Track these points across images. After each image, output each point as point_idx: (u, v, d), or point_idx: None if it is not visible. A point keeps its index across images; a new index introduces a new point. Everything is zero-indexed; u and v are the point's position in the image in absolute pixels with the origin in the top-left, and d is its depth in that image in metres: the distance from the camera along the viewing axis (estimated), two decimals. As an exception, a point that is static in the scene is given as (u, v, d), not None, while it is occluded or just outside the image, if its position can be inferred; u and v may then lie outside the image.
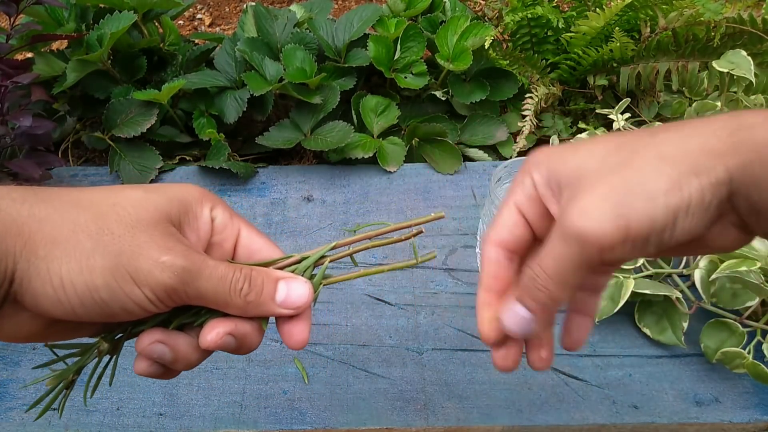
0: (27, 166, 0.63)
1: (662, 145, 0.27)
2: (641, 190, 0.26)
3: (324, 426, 0.52)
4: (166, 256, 0.28)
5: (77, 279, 0.27)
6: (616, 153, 0.28)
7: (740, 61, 0.68)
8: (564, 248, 0.27)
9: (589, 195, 0.27)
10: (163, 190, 0.31)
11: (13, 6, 0.67)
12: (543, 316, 0.30)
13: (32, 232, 0.27)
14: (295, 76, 0.74)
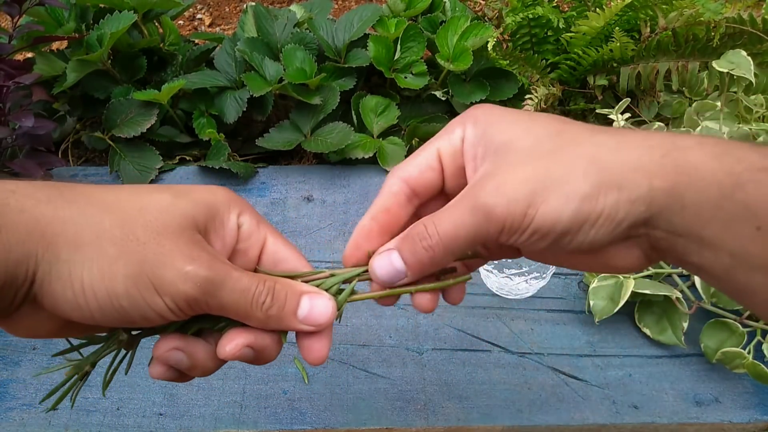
0: (28, 167, 0.63)
1: (598, 147, 0.26)
2: (561, 187, 0.26)
3: (324, 426, 0.52)
4: (191, 266, 0.27)
5: (99, 285, 0.26)
6: (552, 139, 0.27)
7: (740, 61, 0.68)
8: (467, 217, 0.27)
9: (510, 173, 0.27)
10: (191, 195, 0.30)
11: (16, 7, 0.67)
12: (416, 274, 0.30)
13: (55, 235, 0.26)
14: (295, 76, 0.74)
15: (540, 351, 0.58)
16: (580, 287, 0.63)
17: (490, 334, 0.59)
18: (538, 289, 0.61)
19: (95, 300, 0.26)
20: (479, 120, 0.30)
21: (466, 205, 0.27)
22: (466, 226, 0.27)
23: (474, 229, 0.27)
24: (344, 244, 0.67)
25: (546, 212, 0.26)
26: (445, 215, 0.28)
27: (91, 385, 0.55)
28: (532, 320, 0.60)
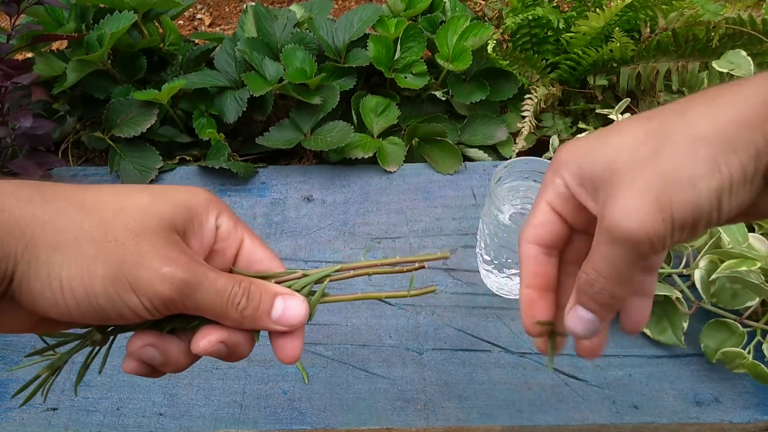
0: (27, 167, 0.63)
1: (693, 124, 0.26)
2: (679, 179, 0.26)
3: (324, 426, 0.52)
4: (168, 267, 0.28)
5: (77, 285, 0.27)
6: (646, 142, 0.27)
7: (740, 61, 0.68)
8: (614, 250, 0.27)
9: (627, 192, 0.27)
10: (170, 196, 0.30)
11: (14, 6, 0.67)
12: (605, 315, 0.31)
13: (35, 235, 0.26)
14: (295, 76, 0.74)
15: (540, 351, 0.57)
16: (580, 287, 0.63)
17: (490, 334, 0.59)
18: None
19: (73, 298, 0.27)
20: (569, 161, 0.30)
21: (605, 240, 0.28)
22: (616, 257, 0.28)
23: (626, 258, 0.27)
24: (344, 244, 0.67)
25: (681, 207, 0.26)
26: (596, 257, 0.29)
27: (91, 386, 0.55)
28: (532, 320, 0.60)
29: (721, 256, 0.54)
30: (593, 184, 0.29)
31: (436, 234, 0.69)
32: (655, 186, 0.26)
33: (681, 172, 0.26)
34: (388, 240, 0.68)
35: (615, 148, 0.28)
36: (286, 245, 0.68)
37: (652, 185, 0.26)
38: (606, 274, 0.28)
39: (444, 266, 0.65)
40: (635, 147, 0.27)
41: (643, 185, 0.26)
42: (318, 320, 0.60)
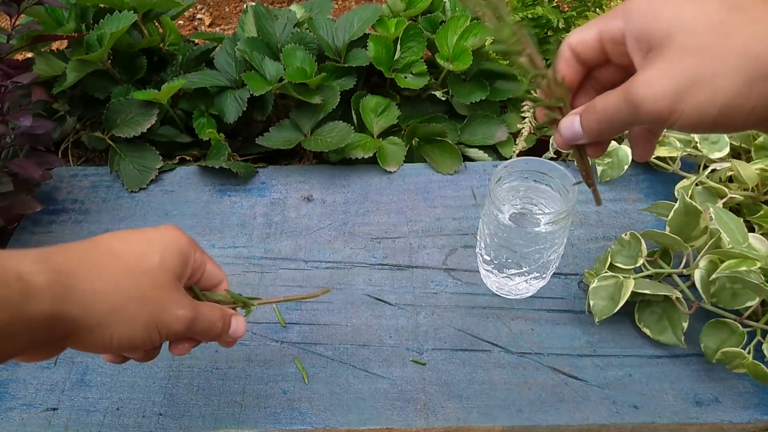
0: (27, 166, 0.63)
1: (754, 39, 0.27)
2: (709, 84, 0.27)
3: (324, 426, 0.52)
4: (181, 310, 0.39)
5: (125, 334, 0.36)
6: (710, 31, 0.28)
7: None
8: (622, 105, 0.31)
9: (663, 69, 0.29)
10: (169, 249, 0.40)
11: (14, 6, 0.67)
12: (589, 137, 0.35)
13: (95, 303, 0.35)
14: (295, 75, 0.74)
15: (540, 351, 0.58)
16: (580, 287, 0.63)
17: (490, 334, 0.59)
18: (538, 289, 0.61)
19: (119, 344, 0.36)
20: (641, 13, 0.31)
21: (621, 94, 0.31)
22: (621, 112, 0.31)
23: (627, 117, 0.31)
24: (344, 244, 0.67)
25: (692, 108, 0.28)
26: (611, 97, 0.32)
27: (91, 386, 0.55)
28: (532, 320, 0.60)
29: (721, 256, 0.54)
30: (648, 44, 0.30)
31: (436, 234, 0.69)
32: (686, 79, 0.28)
33: (715, 80, 0.27)
34: (388, 240, 0.68)
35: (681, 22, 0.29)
36: (286, 245, 0.68)
37: (685, 76, 0.28)
38: (606, 115, 0.32)
39: (444, 266, 0.65)
40: (697, 31, 0.28)
41: (678, 71, 0.28)
42: (318, 320, 0.60)
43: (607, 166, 0.71)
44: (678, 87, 0.28)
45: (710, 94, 0.27)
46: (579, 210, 0.71)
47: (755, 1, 0.28)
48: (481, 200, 0.73)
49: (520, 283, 0.59)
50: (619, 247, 0.60)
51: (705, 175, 0.64)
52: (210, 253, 0.67)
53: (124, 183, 0.75)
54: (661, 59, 0.29)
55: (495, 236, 0.55)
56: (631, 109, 0.30)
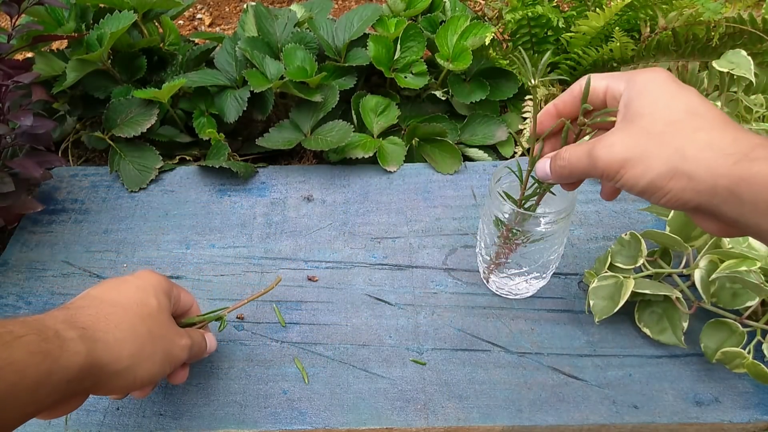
0: (28, 166, 0.63)
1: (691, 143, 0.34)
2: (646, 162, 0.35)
3: (324, 426, 0.52)
4: (183, 340, 0.47)
5: (146, 373, 0.42)
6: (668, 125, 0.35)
7: (740, 60, 0.68)
8: (584, 158, 0.38)
9: (623, 139, 0.36)
10: (160, 290, 0.47)
11: (15, 6, 0.67)
12: (556, 179, 0.43)
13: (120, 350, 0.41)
14: (296, 74, 0.74)
15: (540, 351, 0.58)
16: (580, 287, 0.63)
17: (490, 334, 0.59)
18: (538, 289, 0.61)
19: (141, 382, 0.42)
20: (636, 86, 0.38)
21: (588, 148, 0.38)
22: (582, 163, 0.39)
23: (586, 168, 0.39)
24: (344, 244, 0.67)
25: (630, 176, 0.36)
26: (577, 150, 0.39)
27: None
28: (532, 320, 0.60)
29: (721, 256, 0.54)
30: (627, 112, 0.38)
31: (436, 234, 0.69)
32: (633, 153, 0.36)
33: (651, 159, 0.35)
34: (388, 240, 0.68)
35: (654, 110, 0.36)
36: (286, 245, 0.68)
37: (634, 151, 0.36)
38: (570, 164, 0.40)
39: (444, 266, 0.65)
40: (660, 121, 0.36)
41: (632, 145, 0.36)
42: (318, 320, 0.60)
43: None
44: (626, 157, 0.36)
45: (643, 170, 0.35)
46: (579, 210, 0.71)
47: (714, 114, 0.35)
48: (481, 200, 0.73)
49: (520, 283, 0.59)
50: (619, 247, 0.60)
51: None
52: (210, 253, 0.67)
53: (124, 183, 0.75)
54: (627, 131, 0.37)
55: (495, 236, 0.55)
56: (591, 163, 0.38)
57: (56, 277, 0.65)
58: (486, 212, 0.55)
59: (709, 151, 0.34)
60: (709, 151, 0.33)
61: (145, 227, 0.70)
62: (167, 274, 0.65)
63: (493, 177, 0.53)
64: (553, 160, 0.42)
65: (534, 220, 0.50)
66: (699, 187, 0.34)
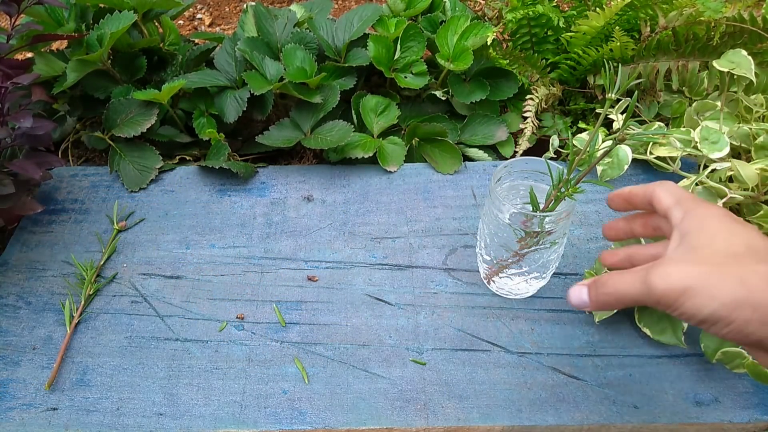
0: (27, 167, 0.63)
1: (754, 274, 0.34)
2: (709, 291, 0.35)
3: (324, 426, 0.52)
4: None
5: None
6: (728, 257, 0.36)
7: (740, 60, 0.68)
8: (637, 284, 0.37)
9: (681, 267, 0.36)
10: None
11: (14, 6, 0.67)
12: (594, 308, 0.41)
13: None
14: (296, 75, 0.74)
15: (540, 351, 0.57)
16: (580, 287, 0.63)
17: (490, 334, 0.59)
18: (538, 289, 0.61)
19: None
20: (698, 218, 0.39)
21: (642, 275, 0.37)
22: (634, 291, 0.38)
23: (637, 295, 0.37)
24: (344, 244, 0.67)
25: (691, 305, 0.35)
26: (626, 277, 0.38)
27: (91, 386, 0.55)
28: (532, 320, 0.60)
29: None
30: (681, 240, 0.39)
31: (436, 234, 0.69)
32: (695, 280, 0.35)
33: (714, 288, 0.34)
34: (388, 240, 0.68)
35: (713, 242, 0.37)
36: (286, 245, 0.68)
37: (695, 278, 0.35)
38: (616, 292, 0.39)
39: (444, 266, 0.65)
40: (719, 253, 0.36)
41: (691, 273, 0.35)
42: (318, 320, 0.60)
43: (607, 165, 0.71)
44: (687, 285, 0.35)
45: (706, 299, 0.34)
46: (579, 210, 0.71)
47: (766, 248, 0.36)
48: (481, 200, 0.73)
49: (520, 283, 0.59)
50: (620, 246, 0.60)
51: (705, 175, 0.64)
52: (210, 253, 0.67)
53: (124, 183, 0.75)
54: (686, 260, 0.36)
55: (495, 236, 0.54)
56: (645, 291, 0.37)
57: (56, 277, 0.65)
58: (486, 212, 0.55)
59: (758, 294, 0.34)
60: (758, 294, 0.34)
61: (145, 227, 0.70)
62: (167, 274, 0.65)
63: (493, 177, 0.53)
64: (593, 288, 0.40)
65: (538, 221, 0.50)
66: (764, 319, 0.34)
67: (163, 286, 0.64)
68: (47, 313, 0.61)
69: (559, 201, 0.50)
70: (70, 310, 0.61)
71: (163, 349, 0.58)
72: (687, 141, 0.69)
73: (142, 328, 0.60)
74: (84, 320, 0.61)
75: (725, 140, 0.67)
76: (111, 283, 0.64)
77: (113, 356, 0.57)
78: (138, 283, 0.64)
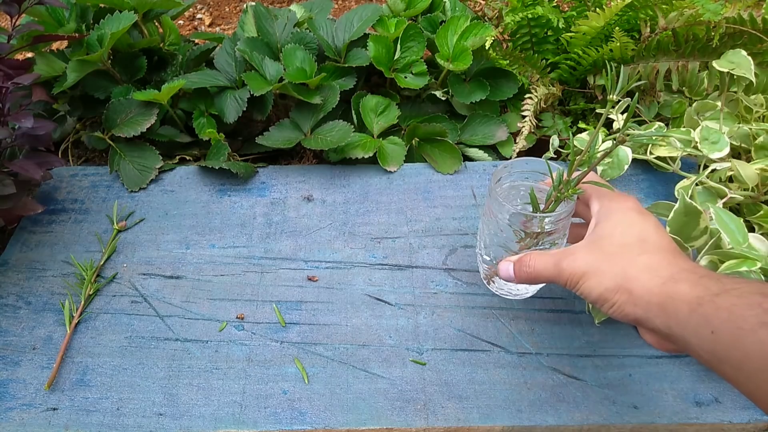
0: (28, 167, 0.63)
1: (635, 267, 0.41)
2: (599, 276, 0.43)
3: (324, 426, 0.52)
4: None
5: None
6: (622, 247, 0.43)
7: (740, 60, 0.68)
8: (550, 266, 0.46)
9: (585, 255, 0.44)
10: None
11: (15, 6, 0.67)
12: (519, 281, 0.49)
13: None
14: (295, 76, 0.74)
15: (540, 351, 0.58)
16: (580, 287, 0.63)
17: (490, 334, 0.59)
18: (538, 289, 0.61)
19: None
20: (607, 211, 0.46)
21: (556, 258, 0.45)
22: (547, 271, 0.46)
23: (550, 275, 0.46)
24: (344, 244, 0.67)
25: (586, 286, 0.43)
26: (544, 258, 0.47)
27: (91, 385, 0.55)
28: (532, 320, 0.60)
29: (722, 257, 0.54)
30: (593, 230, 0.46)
31: (436, 234, 0.69)
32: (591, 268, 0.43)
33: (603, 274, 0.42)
34: (388, 240, 0.68)
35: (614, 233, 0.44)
36: (286, 245, 0.68)
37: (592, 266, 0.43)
38: (534, 270, 0.47)
39: (444, 266, 0.65)
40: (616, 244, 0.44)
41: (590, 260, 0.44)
42: (318, 320, 0.60)
43: (607, 165, 0.71)
44: (585, 270, 0.43)
45: (596, 282, 0.42)
46: (579, 210, 0.71)
47: (661, 241, 0.43)
48: (481, 200, 0.73)
49: (519, 283, 0.59)
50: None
51: (705, 175, 0.64)
52: (210, 253, 0.67)
53: (124, 183, 0.75)
54: (589, 249, 0.44)
55: (495, 236, 0.54)
56: (557, 272, 0.45)
57: (56, 277, 0.65)
58: (486, 212, 0.55)
59: (646, 273, 0.41)
60: (647, 273, 0.40)
61: (145, 227, 0.70)
62: (167, 274, 0.65)
63: (493, 177, 0.53)
64: (518, 265, 0.49)
65: (538, 222, 0.50)
66: (637, 302, 0.40)
67: (163, 286, 0.64)
68: (47, 313, 0.61)
69: (560, 202, 0.50)
70: (70, 310, 0.61)
71: (163, 349, 0.58)
72: (687, 141, 0.69)
73: (142, 328, 0.60)
74: (84, 320, 0.61)
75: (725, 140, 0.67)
76: (111, 283, 0.64)
77: (113, 356, 0.57)
78: (138, 283, 0.64)
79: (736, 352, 0.35)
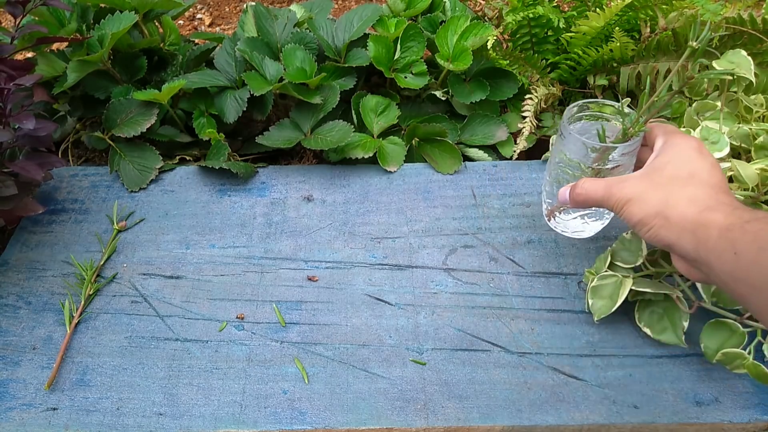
0: (30, 168, 0.63)
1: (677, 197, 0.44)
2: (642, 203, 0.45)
3: (324, 426, 0.52)
4: None
5: None
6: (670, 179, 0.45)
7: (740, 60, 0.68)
8: (601, 190, 0.48)
9: (637, 183, 0.47)
10: None
11: (19, 7, 0.67)
12: (573, 204, 0.52)
13: None
14: (295, 76, 0.74)
15: (540, 351, 0.58)
16: (580, 287, 0.63)
17: (490, 334, 0.59)
18: (596, 231, 0.64)
19: None
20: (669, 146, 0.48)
21: (607, 183, 0.48)
22: (597, 194, 0.49)
23: (600, 199, 0.49)
24: (344, 244, 0.67)
25: (629, 211, 0.46)
26: (597, 182, 0.49)
27: (91, 385, 0.55)
28: (532, 320, 0.60)
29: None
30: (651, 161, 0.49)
31: (436, 234, 0.69)
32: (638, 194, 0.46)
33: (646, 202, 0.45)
34: (388, 240, 0.68)
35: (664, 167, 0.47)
36: (286, 245, 0.68)
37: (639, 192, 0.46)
38: (585, 193, 0.50)
39: (444, 266, 0.65)
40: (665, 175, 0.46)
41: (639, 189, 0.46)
42: (318, 320, 0.60)
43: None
44: (631, 197, 0.46)
45: (638, 209, 0.45)
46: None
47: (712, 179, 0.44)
48: (481, 200, 0.73)
49: (576, 217, 0.62)
50: (621, 245, 0.60)
51: (705, 175, 0.64)
52: (210, 253, 0.67)
53: (124, 183, 0.75)
54: (641, 178, 0.47)
55: (561, 173, 0.57)
56: (606, 195, 0.48)
57: (56, 277, 0.65)
58: (555, 151, 0.58)
59: (685, 202, 0.43)
60: (686, 202, 0.43)
61: (145, 227, 0.70)
62: (167, 274, 0.65)
63: (565, 114, 0.56)
64: (573, 188, 0.51)
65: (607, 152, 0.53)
66: (671, 228, 0.43)
67: (163, 286, 0.64)
68: (47, 313, 0.62)
69: (627, 138, 0.52)
70: (70, 310, 0.61)
71: (163, 349, 0.58)
72: (687, 141, 0.68)
73: (142, 328, 0.60)
74: (84, 320, 0.61)
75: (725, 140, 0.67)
76: (111, 283, 0.64)
77: (113, 356, 0.57)
78: (138, 283, 0.64)
79: (754, 271, 0.36)
